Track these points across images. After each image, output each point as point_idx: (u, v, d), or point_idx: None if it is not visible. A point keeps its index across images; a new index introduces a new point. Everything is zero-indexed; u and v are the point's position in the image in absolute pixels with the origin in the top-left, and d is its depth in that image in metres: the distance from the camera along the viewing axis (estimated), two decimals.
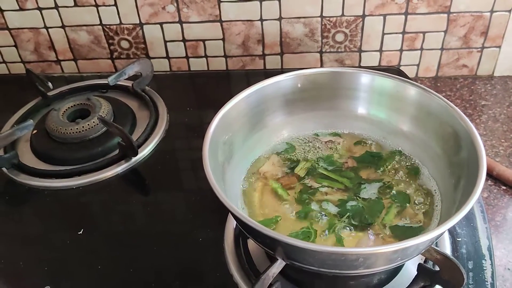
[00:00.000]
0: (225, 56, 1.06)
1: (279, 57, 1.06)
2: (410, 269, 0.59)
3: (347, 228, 0.58)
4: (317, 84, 0.67)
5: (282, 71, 1.06)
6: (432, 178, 0.62)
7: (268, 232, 0.47)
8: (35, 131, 0.84)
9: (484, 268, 0.61)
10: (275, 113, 0.68)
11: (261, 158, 0.68)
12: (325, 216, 0.59)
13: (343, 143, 0.68)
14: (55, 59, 1.09)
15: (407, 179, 0.63)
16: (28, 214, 0.74)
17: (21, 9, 1.01)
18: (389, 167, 0.65)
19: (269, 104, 0.67)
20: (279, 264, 0.52)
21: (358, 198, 0.61)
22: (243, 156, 0.65)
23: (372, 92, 0.66)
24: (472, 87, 1.04)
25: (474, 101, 1.00)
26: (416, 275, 0.57)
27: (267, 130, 0.68)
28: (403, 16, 0.99)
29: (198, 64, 1.08)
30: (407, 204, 0.60)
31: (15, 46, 1.07)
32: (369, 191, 0.61)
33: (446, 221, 0.46)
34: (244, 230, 0.53)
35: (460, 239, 0.64)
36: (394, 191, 0.61)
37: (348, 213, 0.58)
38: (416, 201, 0.60)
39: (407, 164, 0.65)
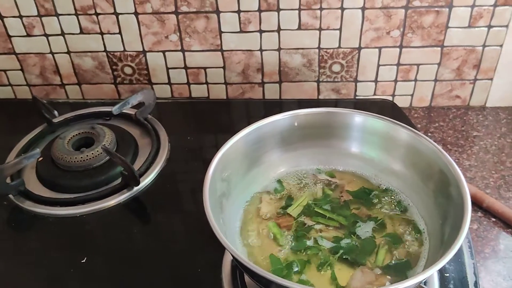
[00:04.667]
0: (225, 83, 1.10)
1: (277, 85, 1.09)
2: None
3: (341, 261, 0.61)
4: (312, 123, 0.70)
5: (280, 100, 1.11)
6: (421, 216, 0.65)
7: (265, 274, 0.49)
8: (40, 158, 0.86)
9: None
10: (271, 151, 0.71)
11: (258, 194, 0.70)
12: (320, 251, 0.62)
13: (338, 182, 0.71)
14: (60, 83, 1.12)
15: (398, 217, 0.66)
16: (34, 241, 0.77)
17: (28, 35, 1.05)
18: (381, 204, 0.67)
19: (266, 141, 0.70)
20: None
21: (352, 236, 0.63)
22: (241, 192, 0.68)
23: (365, 132, 0.69)
24: (464, 118, 1.07)
25: (466, 131, 1.03)
26: None
27: (264, 166, 0.71)
28: (398, 49, 1.02)
29: (199, 90, 1.11)
30: (399, 245, 0.63)
31: (21, 70, 1.10)
32: (364, 229, 0.64)
33: (432, 265, 0.48)
34: (242, 269, 0.56)
35: (448, 275, 0.67)
36: (387, 231, 0.64)
37: (342, 250, 0.61)
38: (405, 239, 0.63)
39: (398, 202, 0.68)
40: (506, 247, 0.78)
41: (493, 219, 0.83)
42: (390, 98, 1.09)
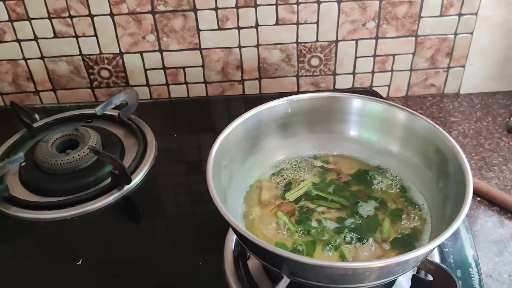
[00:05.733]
0: (205, 82, 1.09)
1: (257, 82, 1.09)
2: (402, 283, 0.63)
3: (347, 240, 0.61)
4: (310, 108, 0.70)
5: (260, 95, 1.11)
6: (420, 193, 0.66)
7: (281, 252, 0.49)
8: (23, 163, 0.83)
9: (472, 276, 0.65)
10: (269, 137, 0.71)
11: (257, 182, 0.70)
12: (325, 232, 0.62)
13: (335, 166, 0.72)
14: (34, 90, 1.09)
15: (397, 195, 0.67)
16: (24, 247, 0.74)
17: None
18: (379, 183, 0.68)
19: (264, 128, 0.70)
20: (284, 282, 0.54)
21: (355, 215, 0.64)
22: (241, 180, 0.67)
23: (363, 115, 0.70)
24: (440, 105, 1.10)
25: (444, 118, 1.06)
26: (410, 286, 0.61)
27: (262, 153, 0.70)
28: (374, 41, 1.04)
29: (178, 91, 1.10)
30: (401, 217, 0.64)
31: None
32: (366, 209, 0.65)
33: (443, 231, 0.49)
34: (253, 252, 0.56)
35: (447, 250, 0.68)
36: (388, 208, 0.65)
37: (347, 230, 0.62)
38: (407, 215, 0.64)
39: (396, 181, 0.69)
40: (493, 224, 0.81)
41: (478, 199, 0.85)
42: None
